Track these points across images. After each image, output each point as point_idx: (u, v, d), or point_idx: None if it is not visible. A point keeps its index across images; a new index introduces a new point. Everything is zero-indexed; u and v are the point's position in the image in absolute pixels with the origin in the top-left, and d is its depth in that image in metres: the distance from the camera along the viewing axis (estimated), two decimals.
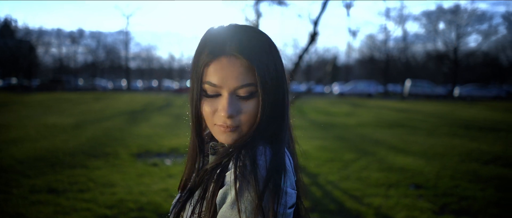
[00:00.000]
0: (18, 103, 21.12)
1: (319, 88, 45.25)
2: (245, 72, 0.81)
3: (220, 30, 0.85)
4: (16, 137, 8.90)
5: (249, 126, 0.84)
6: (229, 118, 0.82)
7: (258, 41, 0.84)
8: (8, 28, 56.12)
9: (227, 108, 0.81)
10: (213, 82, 0.82)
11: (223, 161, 0.82)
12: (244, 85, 0.81)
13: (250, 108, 0.83)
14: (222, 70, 0.81)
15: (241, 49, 0.81)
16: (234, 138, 0.84)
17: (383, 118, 15.56)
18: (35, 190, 4.87)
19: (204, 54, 0.84)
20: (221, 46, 0.82)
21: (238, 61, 0.81)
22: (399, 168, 6.41)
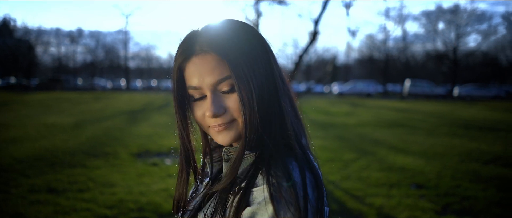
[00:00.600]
0: (17, 103, 21.07)
1: (318, 88, 45.21)
2: (219, 66, 0.78)
3: (191, 32, 0.83)
4: (15, 136, 8.87)
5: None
6: (215, 117, 0.79)
7: (229, 32, 0.80)
8: (7, 27, 56.04)
9: (211, 107, 0.78)
10: (193, 85, 0.80)
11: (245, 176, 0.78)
12: (221, 79, 0.78)
13: (235, 100, 0.79)
14: (197, 70, 0.79)
15: (208, 44, 0.78)
16: (231, 135, 0.81)
17: (383, 118, 15.55)
18: (34, 189, 4.84)
19: (179, 59, 0.82)
20: (190, 47, 0.80)
21: (209, 57, 0.78)
22: (400, 168, 6.39)
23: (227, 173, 0.80)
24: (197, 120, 0.85)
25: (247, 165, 0.80)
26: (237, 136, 0.81)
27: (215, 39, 0.78)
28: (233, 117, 0.80)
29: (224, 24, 0.82)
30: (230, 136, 0.81)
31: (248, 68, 0.77)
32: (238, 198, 0.75)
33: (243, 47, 0.78)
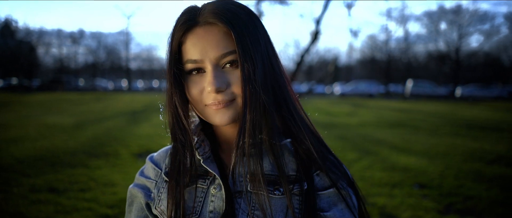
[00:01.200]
0: (19, 103, 21.08)
1: (320, 88, 45.22)
2: (225, 38, 0.74)
3: (192, 5, 0.79)
4: (16, 136, 8.85)
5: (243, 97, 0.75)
6: (218, 92, 0.74)
7: (237, 7, 0.76)
8: (9, 28, 56.17)
9: (213, 81, 0.73)
10: (193, 58, 0.75)
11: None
12: (226, 53, 0.74)
13: (237, 77, 0.74)
14: (199, 41, 0.74)
15: (214, 15, 0.73)
16: (230, 115, 0.75)
17: (385, 118, 15.51)
18: (35, 189, 4.82)
19: (178, 31, 0.77)
20: (193, 17, 0.76)
21: (215, 28, 0.74)
22: (402, 168, 6.36)
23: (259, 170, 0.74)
24: (192, 99, 0.78)
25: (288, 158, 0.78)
26: (235, 116, 0.76)
27: (222, 11, 0.74)
28: (234, 95, 0.75)
29: (226, 1, 0.78)
30: (228, 116, 0.75)
31: (253, 44, 0.73)
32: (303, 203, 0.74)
33: (248, 22, 0.75)
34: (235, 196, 0.78)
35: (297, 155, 0.79)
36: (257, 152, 0.75)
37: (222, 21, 0.72)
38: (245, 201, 0.76)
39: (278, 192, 0.76)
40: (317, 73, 53.29)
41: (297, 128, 0.79)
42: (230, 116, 0.75)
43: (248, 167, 0.76)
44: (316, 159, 0.77)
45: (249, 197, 0.76)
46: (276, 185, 0.76)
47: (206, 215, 0.78)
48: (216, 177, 0.79)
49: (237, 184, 0.79)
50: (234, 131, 0.80)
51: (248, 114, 0.73)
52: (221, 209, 0.77)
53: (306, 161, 0.78)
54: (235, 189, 0.78)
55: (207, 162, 0.80)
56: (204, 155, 0.81)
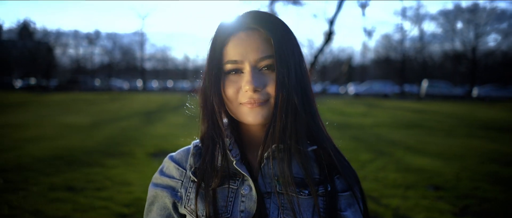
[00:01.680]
0: (37, 103, 21.52)
1: (334, 89, 44.95)
2: (265, 44, 0.80)
3: (236, 14, 0.85)
4: (34, 136, 9.05)
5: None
6: (254, 92, 0.79)
7: (276, 18, 0.84)
8: (27, 30, 57.34)
9: (251, 80, 0.78)
10: (233, 59, 0.81)
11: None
12: (265, 57, 0.80)
13: (273, 79, 0.80)
14: (241, 44, 0.80)
15: (256, 22, 0.80)
16: (264, 114, 0.80)
17: (399, 118, 15.36)
18: (53, 187, 4.93)
19: (221, 35, 0.83)
20: (238, 22, 0.82)
21: (257, 33, 0.81)
22: (417, 169, 6.30)
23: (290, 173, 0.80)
24: (227, 98, 0.83)
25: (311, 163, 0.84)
26: (268, 116, 0.80)
27: (264, 19, 0.81)
28: (268, 95, 0.80)
29: (266, 12, 0.85)
30: (262, 115, 0.80)
31: (288, 52, 0.80)
32: (327, 203, 0.82)
33: (284, 32, 0.82)
34: (264, 197, 0.82)
35: (318, 159, 0.85)
36: (287, 155, 0.80)
37: (264, 27, 0.80)
38: (274, 201, 0.81)
39: (305, 193, 0.81)
40: (331, 73, 53.01)
41: (319, 134, 0.86)
42: (264, 115, 0.80)
43: (278, 169, 0.80)
44: (336, 164, 0.84)
45: (278, 198, 0.81)
46: (302, 187, 0.81)
47: (237, 215, 0.82)
48: (247, 178, 0.83)
49: (266, 185, 0.83)
50: (262, 133, 0.85)
51: (279, 116, 0.78)
52: (252, 209, 0.81)
53: (327, 165, 0.84)
54: (265, 190, 0.82)
55: (238, 163, 0.84)
56: (236, 157, 0.84)
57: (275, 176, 0.81)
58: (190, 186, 0.89)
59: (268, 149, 0.81)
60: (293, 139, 0.79)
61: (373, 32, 49.59)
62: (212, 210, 0.82)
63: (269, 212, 0.80)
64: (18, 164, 6.12)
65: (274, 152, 0.81)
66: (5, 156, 6.67)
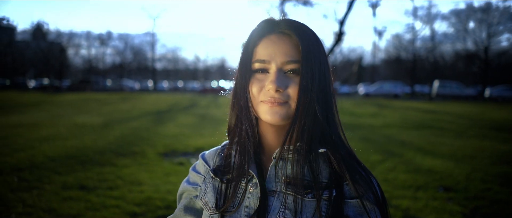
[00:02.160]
0: (50, 103, 21.83)
1: (344, 89, 44.74)
2: (293, 49, 0.85)
3: (269, 18, 0.90)
4: (47, 135, 9.20)
5: (297, 103, 0.84)
6: (276, 91, 0.83)
7: (307, 28, 0.88)
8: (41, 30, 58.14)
9: (275, 80, 0.82)
10: (262, 58, 0.86)
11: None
12: (291, 60, 0.84)
13: (296, 83, 0.84)
14: (271, 46, 0.85)
15: (289, 27, 0.86)
16: (281, 114, 0.84)
17: (410, 119, 15.25)
18: (66, 186, 5.02)
19: (255, 36, 0.88)
20: (271, 26, 0.88)
21: (287, 38, 0.85)
22: (427, 170, 6.27)
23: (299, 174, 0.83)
24: (251, 94, 0.87)
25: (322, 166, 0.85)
26: (285, 117, 0.84)
27: (296, 26, 0.86)
28: (289, 97, 0.84)
29: (298, 21, 0.89)
30: (280, 114, 0.83)
31: (314, 60, 0.84)
32: (331, 208, 0.81)
33: (313, 41, 0.86)
34: (269, 195, 0.86)
35: (330, 163, 0.86)
36: (299, 158, 0.84)
37: (295, 33, 0.85)
38: (278, 200, 0.85)
39: (310, 195, 0.83)
40: (341, 73, 52.76)
41: (334, 139, 0.88)
42: (281, 115, 0.84)
43: (288, 170, 0.85)
44: (345, 170, 0.84)
45: (282, 197, 0.84)
46: (308, 189, 0.84)
47: (242, 209, 0.87)
48: (254, 176, 0.88)
49: (272, 184, 0.87)
50: (276, 136, 0.90)
51: (299, 119, 0.83)
52: (255, 205, 0.85)
53: (337, 170, 0.85)
54: (270, 188, 0.87)
55: (249, 162, 0.89)
56: (250, 156, 0.90)
57: (283, 176, 0.85)
58: (209, 181, 0.96)
59: (278, 150, 0.86)
60: (306, 142, 0.83)
61: (383, 32, 49.26)
62: (220, 202, 0.89)
63: (269, 209, 0.84)
64: (32, 163, 6.23)
65: (285, 153, 0.85)
66: (20, 155, 6.80)
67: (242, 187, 0.89)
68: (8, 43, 52.49)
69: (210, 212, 0.90)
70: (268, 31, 0.88)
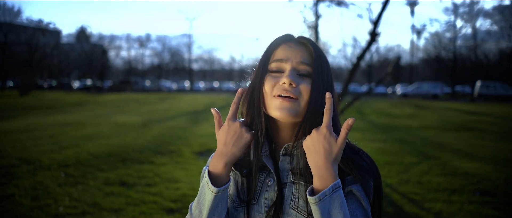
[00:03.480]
0: (93, 103, 22.83)
1: (380, 89, 43.78)
2: (307, 55, 0.98)
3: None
4: (91, 134, 9.70)
5: (306, 101, 0.94)
6: (290, 85, 0.93)
7: (319, 46, 1.02)
8: (84, 33, 60.79)
9: (289, 74, 0.94)
10: (279, 58, 0.98)
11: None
12: (305, 62, 0.97)
13: (307, 84, 0.95)
14: (289, 49, 0.99)
15: (305, 39, 1.01)
16: (291, 110, 0.93)
17: (449, 120, 14.79)
18: (108, 182, 5.33)
19: (275, 42, 1.02)
20: (290, 36, 1.03)
21: (303, 46, 1.00)
22: (464, 173, 6.13)
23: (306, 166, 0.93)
24: (264, 92, 0.97)
25: None
26: (293, 114, 0.94)
27: (311, 40, 1.01)
28: (299, 95, 0.94)
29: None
30: (288, 110, 0.93)
31: (324, 69, 0.98)
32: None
33: (324, 56, 1.00)
34: (283, 187, 0.97)
35: None
36: (300, 153, 0.96)
37: (310, 43, 1.00)
38: (289, 190, 0.96)
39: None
40: (378, 73, 51.66)
41: None
42: (290, 111, 0.93)
43: (297, 163, 0.96)
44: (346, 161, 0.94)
45: (292, 187, 0.96)
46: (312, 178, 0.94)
47: (262, 201, 0.98)
48: (271, 171, 0.99)
49: (283, 177, 0.98)
50: (288, 133, 1.00)
51: (310, 116, 0.94)
52: (273, 198, 0.97)
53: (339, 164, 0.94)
54: (283, 181, 0.98)
55: (266, 158, 1.00)
56: (265, 153, 1.00)
57: (291, 169, 0.97)
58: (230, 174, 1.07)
59: (285, 147, 0.99)
60: None
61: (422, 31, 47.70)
62: (242, 195, 1.00)
63: (284, 199, 0.95)
64: (77, 160, 6.63)
65: (291, 149, 0.97)
66: (66, 152, 7.24)
67: (261, 181, 1.00)
68: (55, 46, 55.19)
69: (235, 204, 1.00)
70: (287, 39, 1.01)
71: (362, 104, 24.34)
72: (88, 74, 54.97)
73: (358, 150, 1.00)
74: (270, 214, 0.95)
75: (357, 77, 56.33)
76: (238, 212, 0.99)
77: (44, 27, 54.68)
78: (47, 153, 7.08)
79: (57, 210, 4.20)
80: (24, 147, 7.67)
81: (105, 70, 54.71)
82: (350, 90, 40.22)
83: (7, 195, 4.65)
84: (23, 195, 4.66)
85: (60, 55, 57.48)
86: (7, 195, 4.65)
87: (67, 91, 44.37)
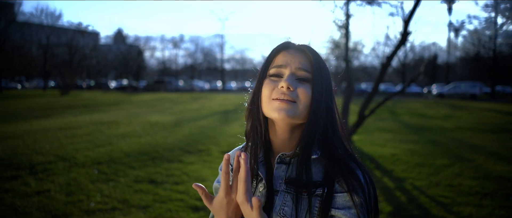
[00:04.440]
0: (128, 102, 23.55)
1: (415, 89, 42.54)
2: (306, 61, 1.01)
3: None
4: (124, 132, 10.04)
5: (304, 105, 0.97)
6: (288, 88, 0.96)
7: (319, 53, 1.04)
8: (121, 35, 62.74)
9: (287, 79, 0.97)
10: (279, 64, 1.02)
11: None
12: (303, 68, 0.99)
13: (305, 88, 0.97)
14: (289, 55, 1.02)
15: (305, 46, 1.03)
16: (289, 111, 0.96)
17: (486, 121, 14.22)
18: (138, 180, 5.52)
19: (275, 49, 1.06)
20: (291, 43, 1.05)
21: (303, 53, 1.02)
22: (498, 177, 5.91)
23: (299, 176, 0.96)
24: (263, 96, 1.01)
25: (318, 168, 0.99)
26: (291, 115, 0.96)
27: (310, 48, 1.04)
28: (297, 98, 0.97)
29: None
30: (287, 111, 0.95)
31: (324, 75, 1.00)
32: (322, 202, 0.94)
33: (322, 62, 1.03)
34: (274, 194, 1.00)
35: (325, 165, 0.99)
36: (295, 161, 0.98)
37: (309, 51, 1.02)
38: (279, 198, 0.98)
39: (306, 194, 0.96)
40: (413, 72, 50.18)
41: (333, 142, 1.00)
42: (288, 112, 0.96)
43: (290, 173, 0.99)
44: (338, 172, 0.96)
45: (282, 196, 0.98)
46: (304, 188, 0.97)
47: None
48: (263, 178, 1.01)
49: (276, 184, 1.01)
50: (284, 140, 1.02)
51: (309, 127, 0.97)
52: (263, 203, 0.98)
53: (331, 171, 0.97)
54: (275, 188, 1.00)
55: (260, 165, 1.03)
56: (259, 159, 1.03)
57: (284, 178, 0.99)
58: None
59: (279, 156, 1.00)
60: (305, 148, 0.97)
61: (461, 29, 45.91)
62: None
63: (272, 207, 0.97)
64: (110, 157, 6.89)
65: (286, 158, 0.99)
66: (100, 150, 7.54)
67: (254, 186, 1.03)
68: (93, 47, 57.27)
69: None
70: (287, 46, 1.04)
71: (395, 104, 23.79)
72: (124, 74, 56.74)
73: (360, 165, 1.00)
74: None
75: (392, 77, 54.98)
76: None
77: (83, 30, 56.87)
78: (82, 151, 7.40)
79: (88, 206, 4.40)
80: (61, 144, 8.05)
81: (140, 70, 56.28)
82: (383, 89, 39.37)
83: (43, 190, 4.91)
84: (58, 191, 4.91)
85: (98, 56, 59.59)
86: (43, 190, 4.91)
87: (104, 91, 45.98)
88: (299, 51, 1.03)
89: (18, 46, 43.90)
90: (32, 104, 20.84)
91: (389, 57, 7.72)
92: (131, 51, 56.06)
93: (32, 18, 52.39)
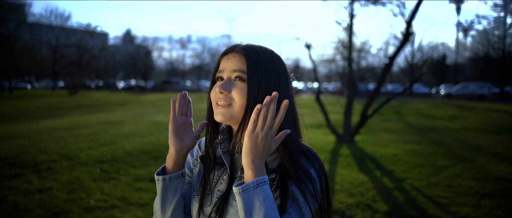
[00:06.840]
0: (134, 102, 23.73)
1: (423, 89, 42.22)
2: (241, 63, 1.05)
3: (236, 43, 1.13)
4: (128, 132, 10.14)
5: (240, 106, 1.03)
6: (220, 92, 1.04)
7: (261, 49, 1.08)
8: (129, 35, 63.21)
9: (221, 83, 1.05)
10: (219, 69, 1.09)
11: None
12: (237, 70, 1.04)
13: (240, 88, 1.03)
14: (226, 61, 1.08)
15: (242, 50, 1.07)
16: (225, 114, 1.04)
17: (493, 122, 14.10)
18: (139, 178, 5.59)
19: (221, 55, 1.12)
20: (232, 48, 1.10)
21: (238, 55, 1.07)
22: (498, 178, 5.89)
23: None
24: (211, 101, 1.10)
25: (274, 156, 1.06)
26: (228, 118, 1.04)
27: (247, 48, 1.07)
28: (232, 100, 1.04)
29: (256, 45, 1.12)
30: (223, 115, 1.04)
31: (260, 70, 1.03)
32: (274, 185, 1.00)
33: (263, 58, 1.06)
34: (235, 181, 1.08)
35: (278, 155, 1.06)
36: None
37: (243, 53, 1.06)
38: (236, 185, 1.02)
39: None
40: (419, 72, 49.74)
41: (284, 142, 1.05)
42: (224, 115, 1.05)
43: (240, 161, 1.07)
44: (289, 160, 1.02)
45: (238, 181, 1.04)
46: None
47: (215, 192, 1.11)
48: (227, 166, 1.10)
49: (237, 172, 1.09)
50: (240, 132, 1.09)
51: (244, 120, 1.03)
52: (224, 189, 1.09)
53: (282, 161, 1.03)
54: (235, 175, 1.09)
55: (225, 155, 1.12)
56: (224, 149, 1.13)
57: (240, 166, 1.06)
58: (196, 165, 1.22)
59: (231, 145, 1.10)
60: None
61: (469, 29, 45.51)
62: (200, 185, 1.14)
63: (230, 192, 1.06)
64: (113, 156, 6.99)
65: (235, 148, 1.08)
66: (103, 149, 7.64)
67: (218, 174, 1.12)
68: (102, 48, 57.82)
69: (194, 193, 1.15)
70: (228, 51, 1.10)
71: (402, 105, 23.70)
72: (132, 75, 57.13)
73: (310, 154, 1.06)
74: (217, 204, 1.06)
75: (400, 77, 54.65)
76: (194, 200, 1.14)
77: (92, 30, 57.46)
78: (86, 150, 7.50)
79: (88, 203, 4.48)
80: (66, 144, 8.17)
81: (148, 71, 56.60)
82: (390, 90, 39.14)
83: (46, 188, 5.01)
84: (60, 189, 5.00)
85: (107, 57, 60.14)
86: (45, 188, 5.01)
87: (112, 91, 46.37)
88: (237, 53, 1.07)
89: (28, 46, 44.56)
90: (40, 104, 21.12)
91: (391, 58, 7.72)
92: (139, 52, 56.44)
93: (42, 19, 53.12)
